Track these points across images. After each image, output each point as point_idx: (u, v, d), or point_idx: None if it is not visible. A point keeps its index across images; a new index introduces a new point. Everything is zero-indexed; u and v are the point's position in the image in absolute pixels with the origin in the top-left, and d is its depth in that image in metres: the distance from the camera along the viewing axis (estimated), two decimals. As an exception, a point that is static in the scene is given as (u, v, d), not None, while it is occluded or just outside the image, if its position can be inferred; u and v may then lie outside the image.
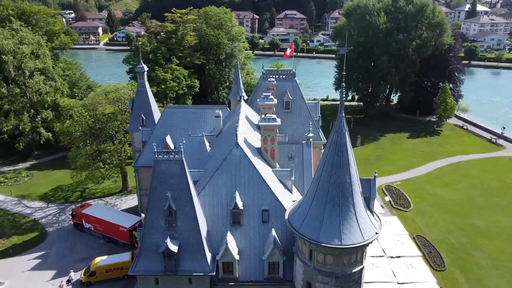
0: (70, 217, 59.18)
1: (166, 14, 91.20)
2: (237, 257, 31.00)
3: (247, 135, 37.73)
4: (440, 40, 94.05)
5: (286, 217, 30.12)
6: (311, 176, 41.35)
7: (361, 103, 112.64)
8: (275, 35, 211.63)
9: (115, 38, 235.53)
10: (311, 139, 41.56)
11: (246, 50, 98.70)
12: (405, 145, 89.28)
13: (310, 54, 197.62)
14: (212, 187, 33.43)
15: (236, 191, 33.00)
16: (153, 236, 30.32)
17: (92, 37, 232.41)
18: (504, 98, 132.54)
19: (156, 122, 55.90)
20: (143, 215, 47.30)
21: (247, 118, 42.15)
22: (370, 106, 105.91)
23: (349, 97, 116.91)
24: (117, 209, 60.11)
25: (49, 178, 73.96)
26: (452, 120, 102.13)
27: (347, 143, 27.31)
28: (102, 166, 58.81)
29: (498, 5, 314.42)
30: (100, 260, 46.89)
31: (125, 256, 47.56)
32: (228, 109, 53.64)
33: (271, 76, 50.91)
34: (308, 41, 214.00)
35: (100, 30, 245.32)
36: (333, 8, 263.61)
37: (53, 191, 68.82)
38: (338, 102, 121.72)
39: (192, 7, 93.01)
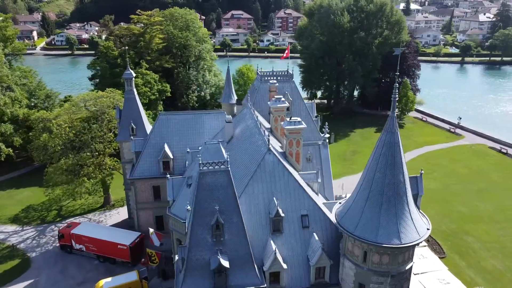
0: (54, 239, 54.52)
1: (132, 16, 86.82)
2: (285, 266, 30.16)
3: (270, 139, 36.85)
4: (399, 38, 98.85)
5: (335, 220, 29.81)
6: (330, 177, 41.61)
7: (325, 101, 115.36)
8: (225, 36, 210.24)
9: (53, 42, 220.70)
10: (327, 140, 41.59)
11: (215, 52, 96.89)
12: (376, 139, 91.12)
13: (262, 54, 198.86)
14: (248, 195, 32.22)
15: (274, 198, 32.13)
16: (199, 253, 28.56)
17: (27, 41, 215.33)
18: (450, 90, 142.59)
19: (147, 131, 53.14)
20: (151, 230, 44.93)
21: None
22: (336, 103, 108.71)
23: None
24: (103, 225, 56.14)
25: (16, 198, 67.32)
26: (411, 113, 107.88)
27: (399, 143, 27.62)
28: (87, 181, 54.62)
29: (426, 3, 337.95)
30: (105, 282, 43.36)
31: (131, 276, 44.44)
32: (225, 113, 52.17)
33: (271, 78, 50.18)
34: (258, 41, 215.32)
35: (35, 34, 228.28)
36: (278, 8, 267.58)
37: (24, 212, 62.71)
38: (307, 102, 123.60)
39: (158, 8, 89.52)
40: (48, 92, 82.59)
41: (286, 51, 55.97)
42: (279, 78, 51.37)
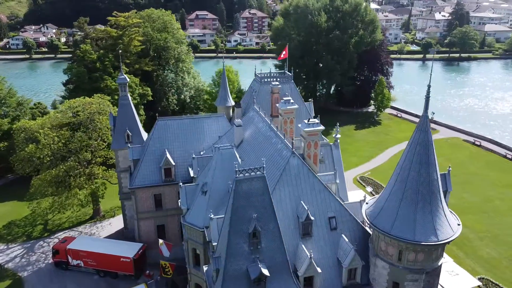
0: (45, 255, 51.53)
1: (109, 18, 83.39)
2: (319, 270, 29.86)
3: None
4: (373, 36, 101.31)
5: (367, 221, 29.86)
6: (343, 178, 41.76)
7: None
8: (191, 36, 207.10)
9: (7, 45, 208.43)
10: (338, 140, 41.77)
11: (193, 53, 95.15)
12: (357, 137, 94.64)
13: (231, 54, 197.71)
14: (275, 200, 31.38)
15: (302, 202, 31.78)
16: (237, 263, 27.65)
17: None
18: (415, 86, 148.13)
19: (143, 138, 51.27)
20: (160, 240, 43.31)
21: (270, 125, 40.68)
22: (313, 102, 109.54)
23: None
24: (101, 238, 53.47)
25: (-7, 214, 62.94)
26: (386, 110, 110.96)
27: (432, 141, 28.05)
28: (79, 192, 51.91)
29: (383, 3, 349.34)
30: (113, 299, 41.44)
31: (140, 289, 42.72)
32: (225, 116, 51.26)
33: (272, 80, 49.73)
34: (225, 42, 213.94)
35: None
36: (242, 8, 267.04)
37: (7, 228, 58.69)
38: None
39: (135, 10, 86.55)
40: (20, 99, 77.88)
41: (284, 52, 55.58)
42: (278, 79, 51.05)
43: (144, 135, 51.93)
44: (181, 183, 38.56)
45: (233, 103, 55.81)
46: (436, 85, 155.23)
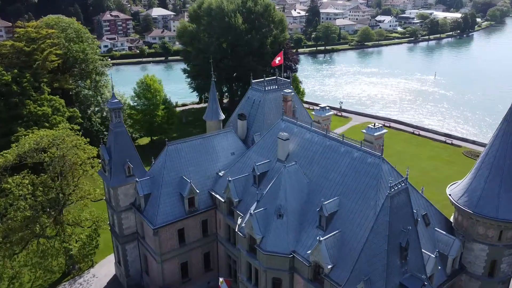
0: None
1: (17, 29, 67.49)
2: (439, 267, 31.13)
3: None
4: (283, 35, 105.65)
5: (471, 210, 32.23)
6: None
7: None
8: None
9: None
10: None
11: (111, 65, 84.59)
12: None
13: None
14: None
15: (403, 205, 32.40)
16: (392, 280, 26.86)
17: None
18: (310, 78, 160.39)
19: (145, 169, 44.37)
20: (221, 279, 38.63)
21: (313, 134, 39.82)
22: (231, 103, 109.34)
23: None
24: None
25: None
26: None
27: (520, 131, 31.76)
28: (68, 247, 42.27)
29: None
30: None
31: None
32: (233, 131, 47.79)
33: (273, 87, 48.45)
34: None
35: None
36: (101, 10, 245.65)
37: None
38: (198, 106, 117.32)
39: (42, 17, 71.88)
40: None
41: (280, 58, 54.18)
42: (277, 86, 50.00)
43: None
44: (251, 211, 34.89)
45: (224, 116, 52.74)
46: (314, 76, 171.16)
